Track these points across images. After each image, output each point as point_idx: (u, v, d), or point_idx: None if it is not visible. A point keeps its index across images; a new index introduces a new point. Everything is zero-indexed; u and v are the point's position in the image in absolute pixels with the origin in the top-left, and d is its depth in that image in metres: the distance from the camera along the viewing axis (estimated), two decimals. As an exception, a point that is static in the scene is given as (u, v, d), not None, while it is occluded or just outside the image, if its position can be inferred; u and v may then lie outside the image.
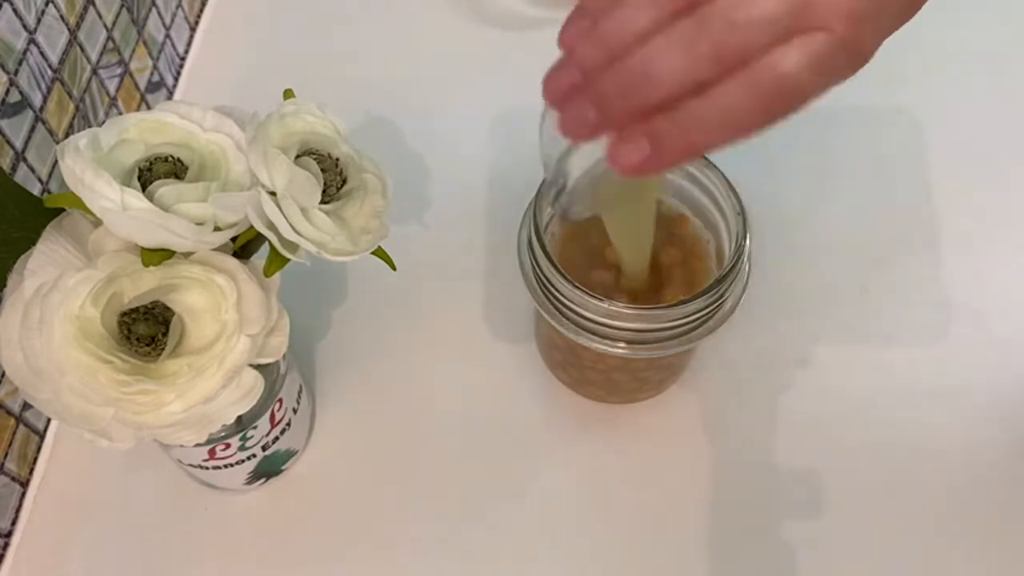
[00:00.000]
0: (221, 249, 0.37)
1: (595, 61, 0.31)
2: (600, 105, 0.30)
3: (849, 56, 0.30)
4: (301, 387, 0.48)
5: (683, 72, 0.29)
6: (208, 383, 0.35)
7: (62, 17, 0.50)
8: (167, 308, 0.36)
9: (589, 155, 0.34)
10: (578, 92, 0.31)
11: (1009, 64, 0.63)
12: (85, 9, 0.52)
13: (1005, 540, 0.47)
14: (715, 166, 0.44)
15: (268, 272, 0.37)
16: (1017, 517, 0.48)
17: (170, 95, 0.63)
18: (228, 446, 0.43)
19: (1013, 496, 0.48)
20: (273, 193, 0.35)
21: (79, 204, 0.35)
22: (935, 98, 0.61)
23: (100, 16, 0.54)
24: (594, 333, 0.42)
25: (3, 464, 0.47)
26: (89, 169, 0.34)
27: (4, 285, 0.36)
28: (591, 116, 0.31)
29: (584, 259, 0.46)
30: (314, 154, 0.37)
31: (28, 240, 0.36)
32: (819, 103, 0.30)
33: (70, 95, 0.51)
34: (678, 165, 0.35)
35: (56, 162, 0.49)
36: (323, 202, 0.37)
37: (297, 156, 0.37)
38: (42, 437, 0.50)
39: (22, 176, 0.47)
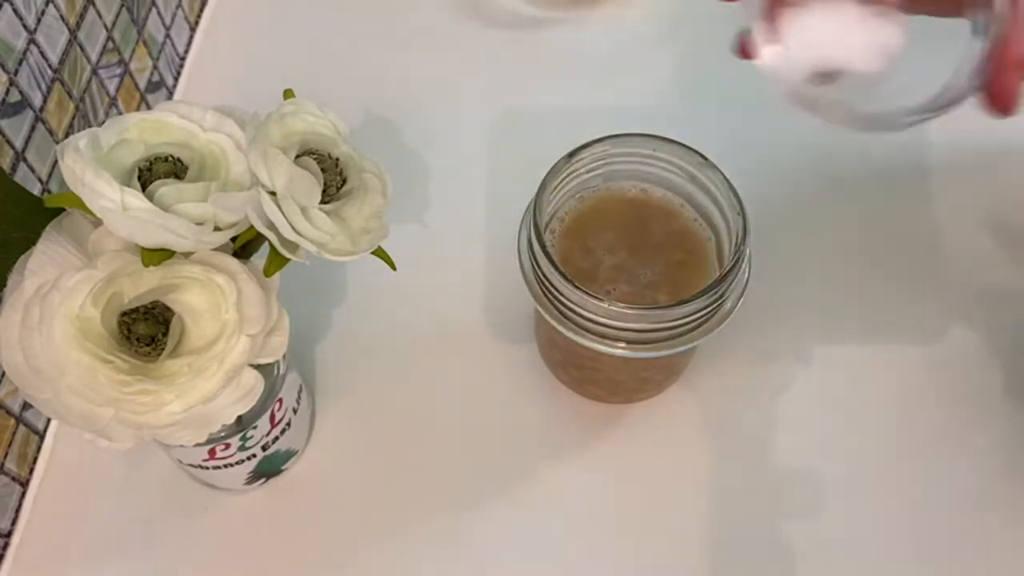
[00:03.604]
0: (221, 249, 0.37)
1: None
2: None
3: None
4: (301, 387, 0.48)
5: None
6: (208, 383, 0.35)
7: (62, 17, 0.50)
8: (167, 308, 0.36)
9: None
10: None
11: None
12: (85, 9, 0.52)
13: (1006, 540, 0.47)
14: (715, 166, 0.44)
15: (268, 272, 0.37)
16: (1018, 517, 0.48)
17: (170, 95, 0.63)
18: (228, 446, 0.43)
19: (1013, 496, 0.48)
20: (273, 193, 0.35)
21: (79, 204, 0.35)
22: (935, 98, 0.61)
23: (100, 16, 0.54)
24: (594, 333, 0.42)
25: (3, 464, 0.47)
26: (89, 169, 0.34)
27: (4, 285, 0.36)
28: None
29: (584, 258, 0.46)
30: (314, 154, 0.37)
31: (28, 240, 0.36)
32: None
33: (70, 95, 0.51)
34: None
35: (56, 162, 0.49)
36: (323, 202, 0.37)
37: (297, 156, 0.37)
38: (42, 437, 0.50)
39: (22, 176, 0.47)
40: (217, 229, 0.36)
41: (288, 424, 0.46)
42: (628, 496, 0.49)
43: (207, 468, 0.45)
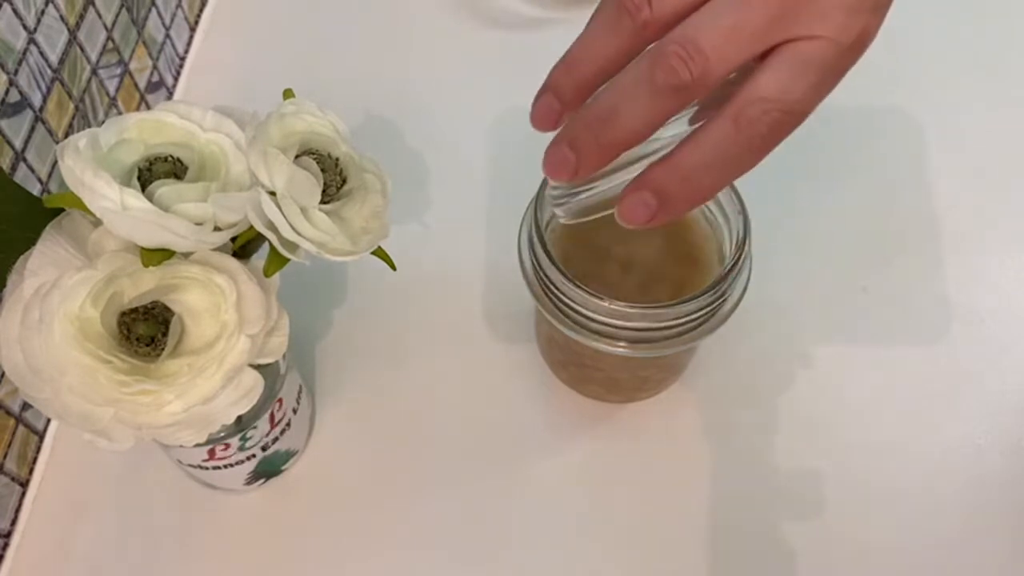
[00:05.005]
0: (221, 249, 0.37)
1: (566, 89, 0.31)
2: (575, 147, 0.30)
3: (853, 54, 0.29)
4: (301, 387, 0.48)
5: (651, 113, 0.29)
6: (208, 383, 0.35)
7: (62, 17, 0.50)
8: (167, 308, 0.36)
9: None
10: (557, 136, 0.31)
11: (1009, 64, 0.63)
12: (85, 9, 0.52)
13: (1005, 539, 0.47)
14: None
15: (268, 272, 0.37)
16: (1017, 515, 0.48)
17: (170, 95, 0.63)
18: (228, 446, 0.43)
19: (1013, 495, 0.48)
20: (273, 193, 0.35)
21: (79, 204, 0.35)
22: (935, 98, 0.61)
23: (100, 16, 0.54)
24: (595, 332, 0.42)
25: (3, 464, 0.47)
26: (89, 169, 0.34)
27: (4, 285, 0.36)
28: (570, 157, 0.30)
29: (585, 257, 0.46)
30: (314, 154, 0.37)
31: (28, 240, 0.36)
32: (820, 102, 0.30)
33: (70, 95, 0.51)
34: (687, 212, 0.36)
35: (56, 162, 0.49)
36: (323, 202, 0.37)
37: (297, 156, 0.36)
38: (42, 437, 0.50)
39: (22, 176, 0.47)
40: (217, 229, 0.36)
41: (288, 424, 0.46)
42: (628, 495, 0.49)
43: (207, 468, 0.45)
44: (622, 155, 0.31)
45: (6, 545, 0.47)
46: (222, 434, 0.43)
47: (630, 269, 0.46)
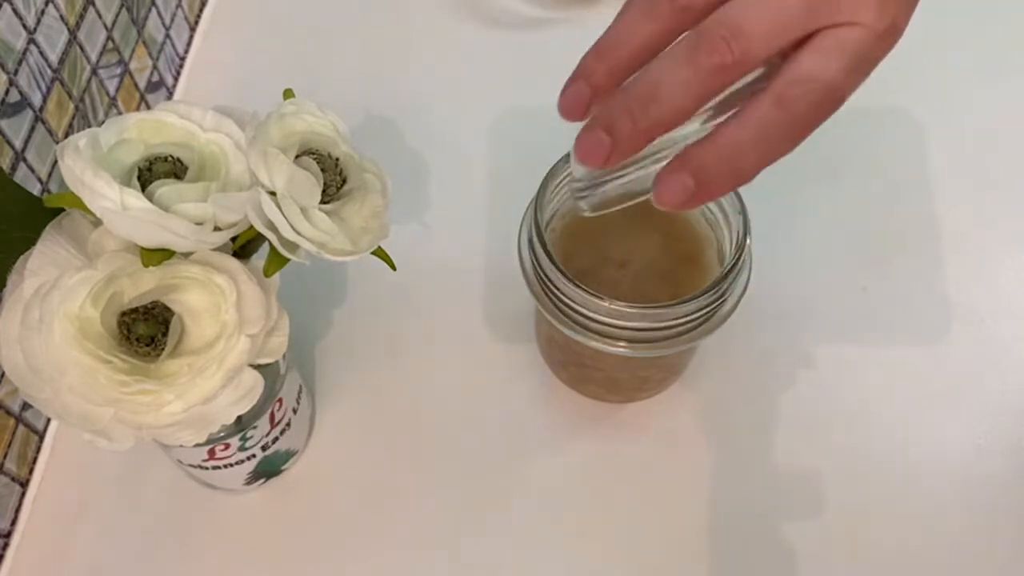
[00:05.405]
0: (221, 249, 0.37)
1: (599, 75, 0.31)
2: (612, 131, 0.30)
3: (886, 42, 0.29)
4: (301, 387, 0.48)
5: (692, 93, 0.29)
6: (208, 383, 0.35)
7: (62, 17, 0.50)
8: (167, 308, 0.36)
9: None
10: (591, 120, 0.31)
11: (1010, 65, 0.63)
12: (85, 9, 0.52)
13: (1005, 538, 0.47)
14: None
15: (268, 272, 0.37)
16: (1017, 515, 0.48)
17: (170, 95, 0.63)
18: (228, 446, 0.43)
19: (1013, 495, 0.48)
20: (273, 193, 0.35)
21: (79, 204, 0.35)
22: (935, 98, 0.61)
23: (100, 16, 0.54)
24: (595, 332, 0.42)
25: (3, 464, 0.47)
26: (89, 169, 0.34)
27: (4, 285, 0.36)
28: (605, 141, 0.30)
29: (585, 257, 0.46)
30: (314, 154, 0.37)
31: (28, 240, 0.36)
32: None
33: (70, 95, 0.51)
34: (724, 194, 0.35)
35: (56, 162, 0.49)
36: (323, 202, 0.37)
37: (297, 156, 0.36)
38: (42, 437, 0.50)
39: (22, 176, 0.47)
40: (217, 229, 0.36)
41: (288, 424, 0.46)
42: (628, 495, 0.49)
43: (207, 468, 0.45)
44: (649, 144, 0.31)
45: (6, 545, 0.47)
46: (222, 434, 0.43)
47: (630, 269, 0.46)
